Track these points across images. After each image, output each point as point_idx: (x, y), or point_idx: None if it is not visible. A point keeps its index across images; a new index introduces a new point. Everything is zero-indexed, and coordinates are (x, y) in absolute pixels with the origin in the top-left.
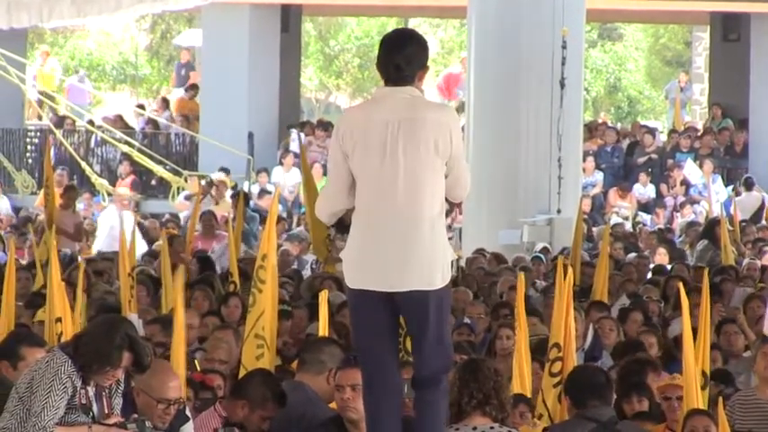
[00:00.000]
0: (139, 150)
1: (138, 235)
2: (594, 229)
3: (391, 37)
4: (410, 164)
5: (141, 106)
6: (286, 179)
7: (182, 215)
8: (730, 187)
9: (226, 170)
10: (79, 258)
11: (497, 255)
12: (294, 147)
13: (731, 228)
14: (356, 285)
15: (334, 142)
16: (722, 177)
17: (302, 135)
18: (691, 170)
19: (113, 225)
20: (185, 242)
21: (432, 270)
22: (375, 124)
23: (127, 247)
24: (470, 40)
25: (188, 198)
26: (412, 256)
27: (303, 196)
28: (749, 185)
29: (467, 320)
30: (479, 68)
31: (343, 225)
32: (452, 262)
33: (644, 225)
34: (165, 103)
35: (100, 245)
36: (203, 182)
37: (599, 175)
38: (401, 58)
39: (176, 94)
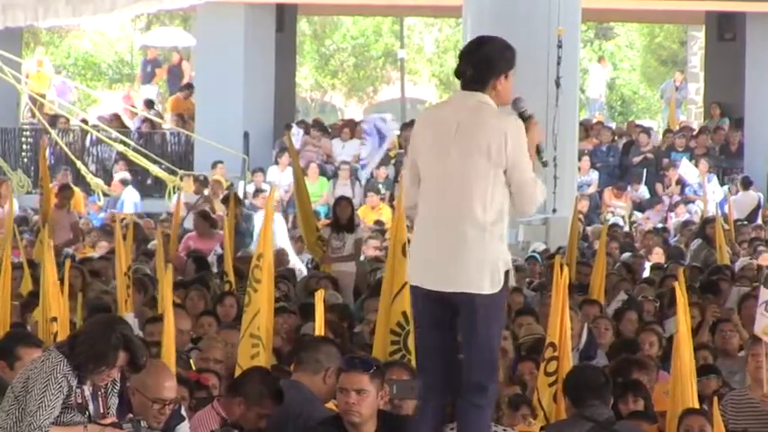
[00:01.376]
0: (135, 150)
1: None
2: (589, 228)
3: (468, 42)
4: (463, 168)
5: (150, 102)
6: (281, 178)
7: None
8: (726, 187)
9: (219, 162)
10: (76, 257)
11: None
12: (293, 141)
13: (727, 227)
14: (412, 281)
15: (410, 139)
16: (718, 177)
17: (300, 132)
18: (686, 169)
19: (275, 229)
20: (176, 242)
21: (480, 275)
22: (438, 125)
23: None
24: (465, 40)
25: (191, 207)
26: (460, 258)
27: (295, 196)
28: (746, 185)
29: None
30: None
31: None
32: (507, 272)
33: (639, 224)
34: (150, 104)
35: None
36: (200, 181)
37: (594, 175)
38: (470, 64)
39: (144, 92)
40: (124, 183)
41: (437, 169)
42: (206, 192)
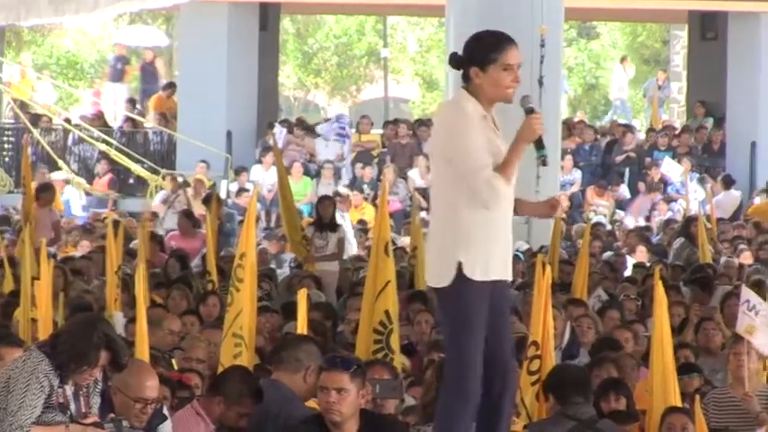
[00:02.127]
0: (117, 149)
1: None
2: (572, 227)
3: None
4: (432, 165)
5: (132, 100)
6: (265, 178)
7: (160, 214)
8: (708, 185)
9: (206, 163)
10: (58, 256)
11: None
12: (276, 140)
13: (709, 226)
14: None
15: None
16: (700, 176)
17: (284, 131)
18: (669, 167)
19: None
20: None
21: (438, 269)
22: None
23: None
24: (449, 39)
25: (164, 201)
26: (427, 254)
27: (278, 195)
28: (728, 184)
29: None
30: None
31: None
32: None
33: (622, 223)
34: (132, 102)
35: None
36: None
37: (577, 174)
38: (454, 60)
39: (110, 89)
40: (66, 182)
41: None
42: (189, 191)
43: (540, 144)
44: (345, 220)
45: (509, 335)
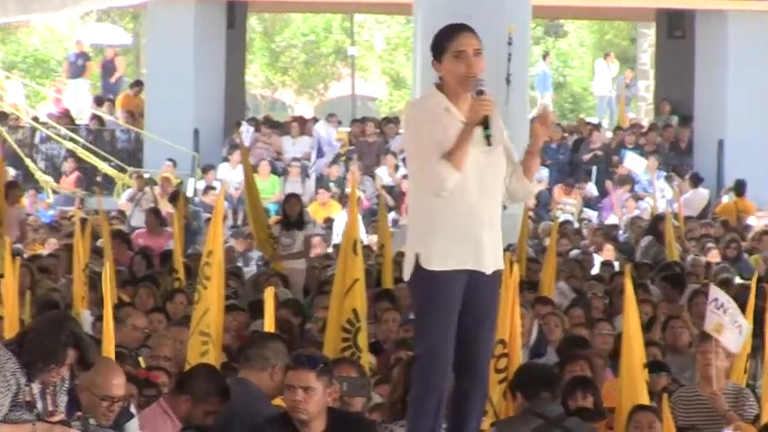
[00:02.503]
0: (84, 147)
1: None
2: (540, 225)
3: None
4: None
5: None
6: (232, 176)
7: (127, 213)
8: (676, 183)
9: (173, 161)
10: (24, 254)
11: None
12: (243, 138)
13: (677, 224)
14: None
15: None
16: (667, 174)
17: (251, 129)
18: (633, 162)
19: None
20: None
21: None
22: None
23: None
24: (416, 37)
25: (131, 199)
26: None
27: (245, 194)
28: (696, 182)
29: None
30: (426, 65)
31: None
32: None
33: (589, 221)
34: (99, 101)
35: None
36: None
37: (544, 172)
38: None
39: (71, 86)
40: None
41: None
42: (156, 189)
43: (486, 124)
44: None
45: (485, 332)
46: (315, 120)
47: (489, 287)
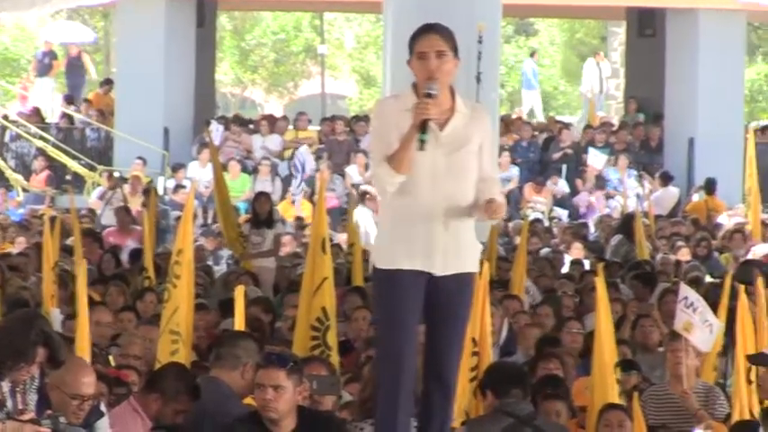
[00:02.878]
0: (54, 145)
1: None
2: (510, 224)
3: None
4: None
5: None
6: (202, 174)
7: (97, 211)
8: (646, 182)
9: (143, 159)
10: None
11: None
12: (213, 137)
13: (647, 222)
14: None
15: None
16: (638, 173)
17: (221, 128)
18: (595, 159)
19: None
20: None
21: None
22: None
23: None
24: (386, 35)
25: (101, 197)
26: None
27: (215, 192)
28: (666, 180)
29: None
30: (395, 63)
31: None
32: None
33: (559, 220)
34: (70, 99)
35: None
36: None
37: (515, 170)
38: None
39: (38, 84)
40: None
41: None
42: (126, 187)
43: (423, 128)
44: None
45: (445, 336)
46: (285, 118)
47: (448, 290)
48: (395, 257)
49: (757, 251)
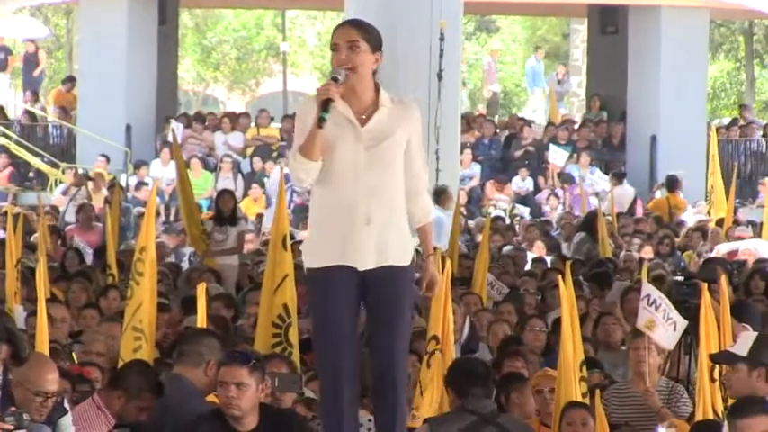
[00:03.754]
0: (17, 142)
1: None
2: (471, 221)
3: None
4: None
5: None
6: (164, 172)
7: (60, 208)
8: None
9: (106, 157)
10: None
11: None
12: (172, 137)
13: (610, 220)
14: None
15: None
16: (600, 170)
17: (180, 126)
18: (555, 155)
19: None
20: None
21: None
22: None
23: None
24: None
25: (65, 193)
26: None
27: (178, 190)
28: (619, 178)
29: None
30: None
31: None
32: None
33: (521, 217)
34: (35, 96)
35: None
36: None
37: (476, 168)
38: None
39: None
40: None
41: None
42: (90, 184)
43: (325, 108)
44: None
45: (381, 331)
46: (247, 116)
47: (377, 285)
48: (321, 255)
49: (721, 249)
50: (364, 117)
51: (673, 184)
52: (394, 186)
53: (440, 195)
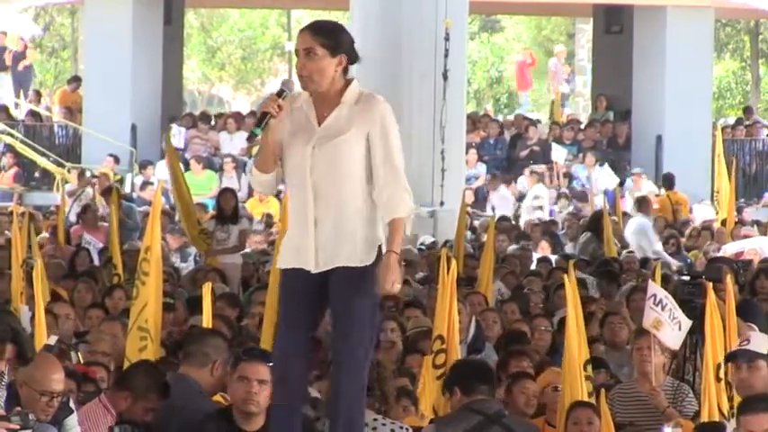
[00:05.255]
0: (22, 142)
1: None
2: (477, 221)
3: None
4: None
5: (38, 92)
6: (168, 174)
7: (65, 209)
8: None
9: (115, 157)
10: None
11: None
12: (175, 142)
13: (616, 219)
14: None
15: None
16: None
17: (183, 130)
18: (557, 153)
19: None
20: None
21: None
22: None
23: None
24: (352, 32)
25: (70, 194)
26: None
27: (174, 191)
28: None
29: None
30: (362, 60)
31: None
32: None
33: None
34: (38, 95)
35: None
36: (83, 174)
37: (482, 168)
38: None
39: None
40: None
41: None
42: (95, 184)
43: (260, 122)
44: None
45: (340, 328)
46: (252, 114)
47: (332, 285)
48: (282, 256)
49: (728, 249)
50: (326, 115)
51: (670, 181)
52: (345, 185)
53: (640, 203)
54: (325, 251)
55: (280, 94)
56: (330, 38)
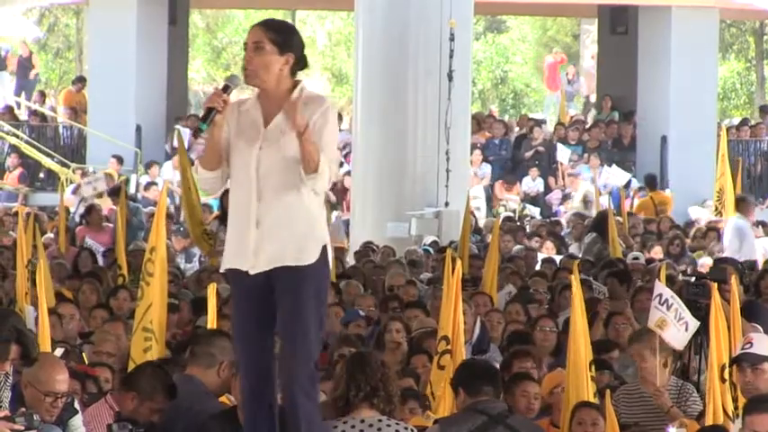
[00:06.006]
0: (27, 143)
1: None
2: (482, 221)
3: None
4: None
5: (42, 93)
6: (176, 174)
7: (71, 209)
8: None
9: (118, 158)
10: None
11: (388, 248)
12: (178, 142)
13: (620, 220)
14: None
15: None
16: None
17: (187, 131)
18: (562, 154)
19: None
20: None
21: None
22: None
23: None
24: (358, 33)
25: (75, 193)
26: None
27: (181, 191)
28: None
29: (362, 312)
30: (367, 61)
31: None
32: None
33: (532, 218)
34: (43, 96)
35: None
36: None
37: (486, 168)
38: None
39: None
40: None
41: None
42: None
43: (205, 118)
44: None
45: (285, 329)
46: None
47: (277, 285)
48: (225, 258)
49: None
50: (272, 116)
51: (653, 181)
52: (289, 186)
53: (740, 203)
54: (268, 252)
55: (225, 89)
56: (281, 35)
